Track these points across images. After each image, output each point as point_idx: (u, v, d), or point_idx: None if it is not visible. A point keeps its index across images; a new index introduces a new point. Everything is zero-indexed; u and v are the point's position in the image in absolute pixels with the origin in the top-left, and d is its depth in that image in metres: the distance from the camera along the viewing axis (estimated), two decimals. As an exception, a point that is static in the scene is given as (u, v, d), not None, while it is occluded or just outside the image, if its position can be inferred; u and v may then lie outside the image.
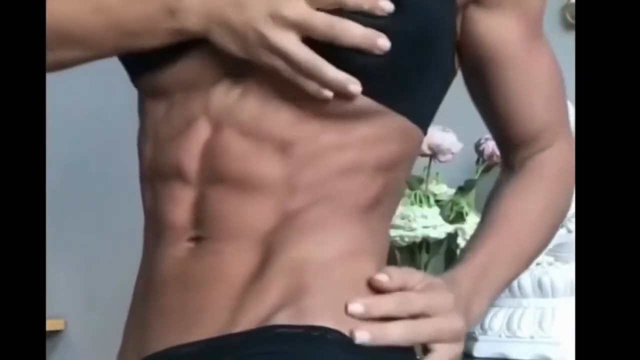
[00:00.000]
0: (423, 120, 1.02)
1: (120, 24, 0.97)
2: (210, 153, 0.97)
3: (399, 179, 1.04)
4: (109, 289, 2.47)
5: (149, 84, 1.02)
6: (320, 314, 0.92)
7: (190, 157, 0.97)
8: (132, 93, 1.06)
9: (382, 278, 0.95)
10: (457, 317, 0.98)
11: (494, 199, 1.11)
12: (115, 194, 2.57)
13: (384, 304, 0.94)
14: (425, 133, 1.03)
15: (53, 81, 1.32)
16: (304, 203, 0.96)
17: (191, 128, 0.98)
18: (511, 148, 1.12)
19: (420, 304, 0.96)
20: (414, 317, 0.95)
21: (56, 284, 2.59)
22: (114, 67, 1.08)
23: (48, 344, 2.62)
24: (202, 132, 0.98)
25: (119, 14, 0.97)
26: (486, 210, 1.11)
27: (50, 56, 1.00)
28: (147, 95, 1.03)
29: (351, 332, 0.92)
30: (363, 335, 0.92)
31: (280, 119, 0.96)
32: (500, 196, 1.10)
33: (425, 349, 0.97)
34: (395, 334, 0.94)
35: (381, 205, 1.01)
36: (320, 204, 0.96)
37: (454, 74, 1.05)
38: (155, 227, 1.01)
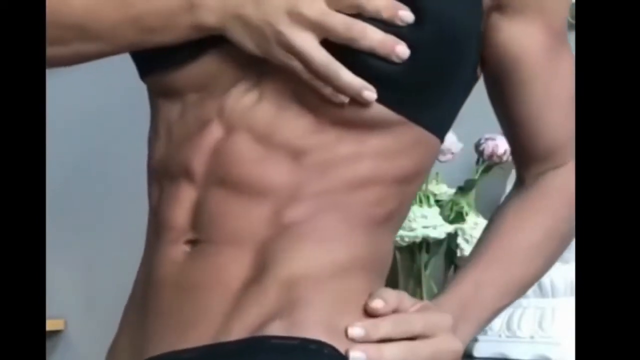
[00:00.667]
0: (442, 130, 1.01)
1: (138, 18, 0.96)
2: (218, 155, 0.96)
3: (414, 192, 1.03)
4: (109, 289, 2.47)
5: (162, 83, 1.01)
6: (313, 328, 0.92)
7: (200, 158, 0.97)
8: (132, 93, 1.06)
9: (377, 305, 0.94)
10: (455, 338, 0.97)
11: (499, 216, 1.07)
12: (116, 194, 2.58)
13: (383, 326, 0.93)
14: (442, 142, 1.02)
15: (54, 81, 1.32)
16: (308, 212, 0.95)
17: (204, 130, 0.97)
18: (526, 162, 1.09)
19: (419, 324, 0.95)
20: (413, 338, 0.94)
21: (56, 284, 2.59)
22: (114, 67, 1.08)
23: (48, 344, 2.62)
24: (214, 134, 0.97)
25: (138, 9, 0.96)
26: (488, 226, 1.08)
27: (67, 49, 1.00)
28: (158, 94, 1.03)
29: (346, 352, 0.91)
30: (358, 356, 0.91)
31: (295, 126, 0.95)
32: (504, 214, 1.07)
33: None
34: (390, 354, 0.92)
35: (391, 221, 1.00)
36: (327, 214, 0.95)
37: (475, 80, 1.04)
38: (157, 226, 1.00)
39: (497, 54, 1.03)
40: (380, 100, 0.94)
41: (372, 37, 0.92)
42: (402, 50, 0.92)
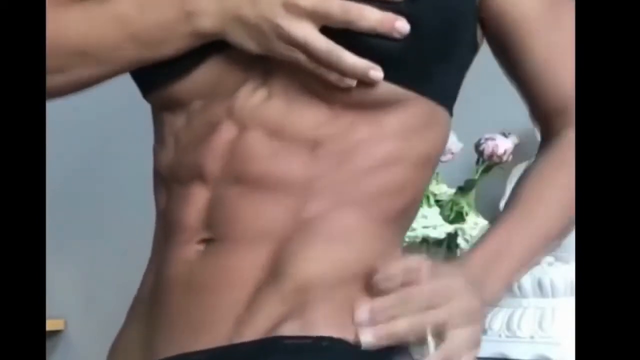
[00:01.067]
0: (450, 101, 1.01)
1: (138, 34, 0.96)
2: (232, 154, 0.96)
3: (428, 179, 1.02)
4: (109, 289, 2.47)
5: (166, 96, 1.00)
6: (325, 325, 0.91)
7: (213, 158, 0.96)
8: (134, 95, 1.05)
9: (383, 283, 0.93)
10: (470, 297, 0.95)
11: (525, 176, 1.05)
12: (116, 194, 2.58)
13: (389, 306, 0.92)
14: (451, 114, 1.01)
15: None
16: (327, 206, 0.95)
17: (215, 131, 0.97)
18: (543, 120, 1.07)
19: (425, 295, 0.93)
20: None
21: (56, 284, 2.59)
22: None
23: (48, 344, 2.62)
24: (226, 133, 0.96)
25: (136, 25, 0.96)
26: (515, 186, 1.05)
27: (68, 76, 0.99)
28: (162, 108, 1.02)
29: (356, 336, 0.90)
30: (367, 338, 0.91)
31: (308, 118, 0.95)
32: (531, 174, 1.04)
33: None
34: (400, 329, 0.92)
35: (405, 216, 1.00)
36: (346, 208, 0.95)
37: (476, 49, 1.03)
38: (167, 228, 1.00)
39: (496, 16, 1.02)
40: (387, 78, 0.93)
41: (371, 17, 0.92)
42: (401, 25, 0.92)
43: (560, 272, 1.82)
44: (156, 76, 0.99)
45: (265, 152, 0.95)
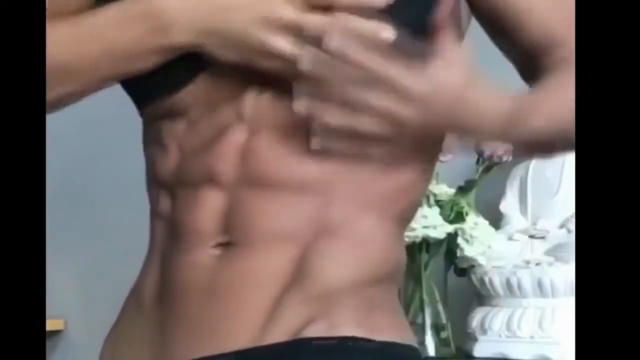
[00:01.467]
0: None
1: (112, 49, 0.96)
2: (246, 156, 0.95)
3: (432, 173, 1.03)
4: (109, 289, 2.46)
5: (167, 107, 0.99)
6: (349, 326, 0.92)
7: (224, 161, 0.95)
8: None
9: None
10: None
11: (538, 84, 1.02)
12: (116, 195, 2.58)
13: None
14: None
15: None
16: (346, 208, 0.94)
17: (224, 134, 0.96)
18: (536, 59, 1.04)
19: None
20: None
21: (56, 284, 2.59)
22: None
23: (48, 344, 2.62)
24: (237, 136, 0.95)
25: (111, 40, 0.95)
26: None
27: (53, 93, 0.98)
28: (159, 118, 1.01)
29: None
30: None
31: None
32: (543, 81, 1.01)
33: None
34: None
35: (414, 213, 1.01)
36: (365, 209, 0.95)
37: (462, 38, 1.03)
38: (173, 233, 0.99)
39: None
40: None
41: (356, 27, 0.90)
42: (387, 35, 0.89)
43: (560, 272, 1.82)
44: (154, 89, 0.98)
45: (278, 154, 0.94)
